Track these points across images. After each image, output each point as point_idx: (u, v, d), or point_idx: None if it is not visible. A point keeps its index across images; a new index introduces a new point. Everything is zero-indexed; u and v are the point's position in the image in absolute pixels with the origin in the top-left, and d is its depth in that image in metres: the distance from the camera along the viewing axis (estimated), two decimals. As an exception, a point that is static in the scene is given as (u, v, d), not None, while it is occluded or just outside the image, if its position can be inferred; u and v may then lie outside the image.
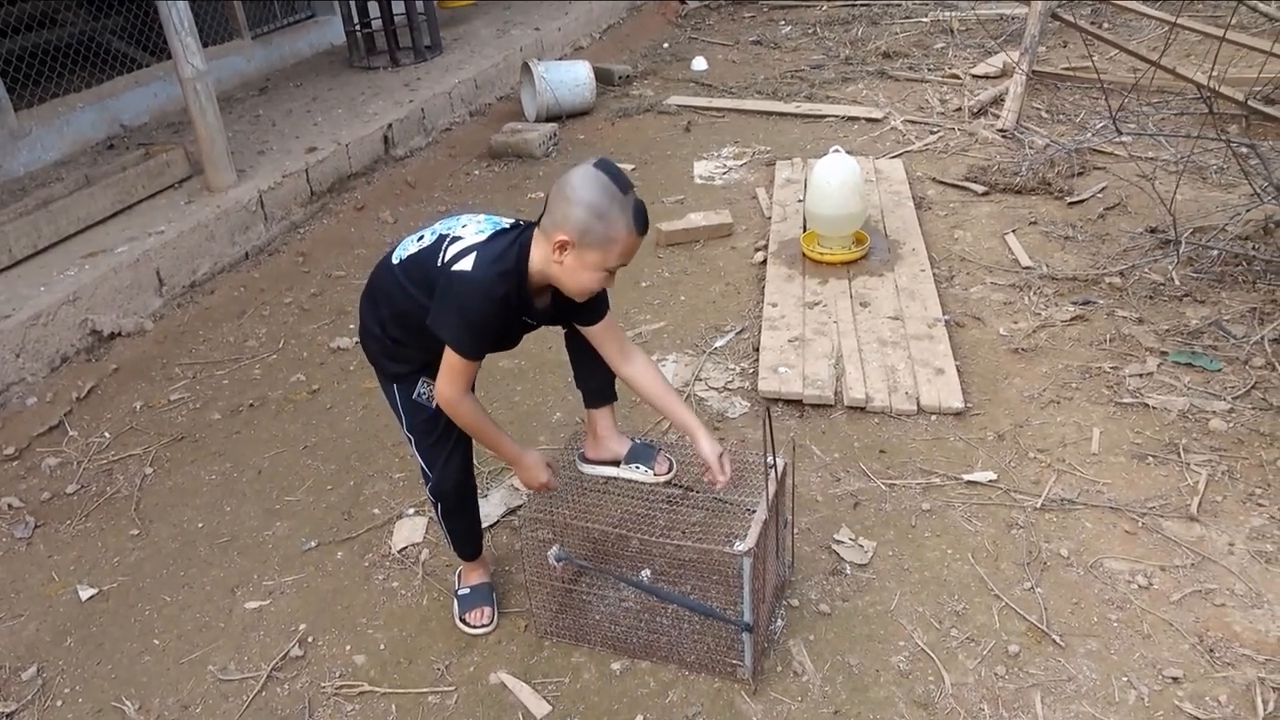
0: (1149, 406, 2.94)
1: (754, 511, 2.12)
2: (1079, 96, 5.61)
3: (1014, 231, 4.12)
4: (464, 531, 2.34)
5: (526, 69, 6.02)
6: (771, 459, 2.08)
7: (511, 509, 2.76)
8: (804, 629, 2.29)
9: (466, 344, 1.95)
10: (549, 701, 2.15)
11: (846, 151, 3.88)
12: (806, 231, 4.05)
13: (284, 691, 2.26)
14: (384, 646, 2.36)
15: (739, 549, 1.99)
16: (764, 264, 4.01)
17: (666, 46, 7.72)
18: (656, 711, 2.11)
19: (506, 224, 2.05)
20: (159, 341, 3.87)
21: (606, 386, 2.34)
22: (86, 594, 2.60)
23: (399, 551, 2.65)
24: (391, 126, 5.53)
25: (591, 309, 2.12)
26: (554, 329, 2.28)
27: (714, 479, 2.15)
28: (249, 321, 3.98)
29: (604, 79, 6.60)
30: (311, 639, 2.39)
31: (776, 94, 6.25)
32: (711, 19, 8.42)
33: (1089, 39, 5.56)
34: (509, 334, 2.12)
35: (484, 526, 2.52)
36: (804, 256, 3.96)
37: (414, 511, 2.79)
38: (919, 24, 7.56)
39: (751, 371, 3.30)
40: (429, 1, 6.74)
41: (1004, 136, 5.13)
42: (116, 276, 3.88)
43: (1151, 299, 3.50)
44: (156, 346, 3.83)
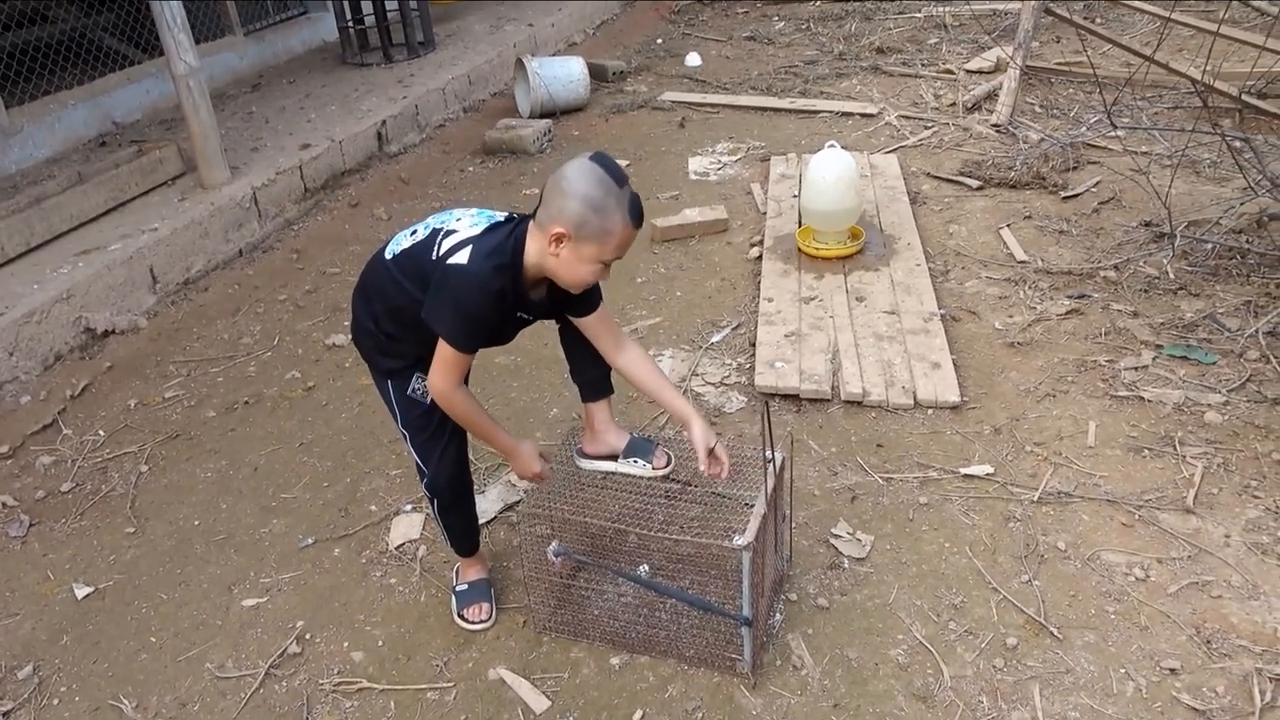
0: (1144, 399, 2.95)
1: (752, 506, 2.12)
2: (1073, 91, 5.62)
3: (1009, 226, 4.12)
4: (461, 527, 2.33)
5: (520, 65, 6.00)
6: (770, 453, 2.08)
7: (509, 505, 2.76)
8: (803, 623, 2.29)
9: (460, 336, 1.96)
10: (548, 697, 2.15)
11: (841, 147, 3.88)
12: (802, 227, 4.05)
13: (282, 689, 2.25)
14: (382, 643, 2.35)
15: (738, 543, 1.99)
16: (759, 259, 4.01)
17: (660, 42, 7.71)
18: (656, 706, 2.11)
19: (500, 217, 2.05)
20: (153, 339, 3.85)
21: (602, 380, 2.34)
22: (82, 592, 2.59)
23: (396, 548, 2.65)
24: (385, 123, 5.52)
25: (585, 301, 2.12)
26: (549, 325, 2.28)
27: (705, 469, 2.15)
28: (243, 319, 3.97)
29: (598, 75, 6.59)
30: (309, 636, 2.39)
31: (771, 90, 6.25)
32: (705, 14, 8.41)
33: (1082, 33, 5.57)
34: (504, 328, 2.12)
35: (481, 522, 2.52)
36: (799, 251, 3.96)
37: (411, 508, 2.79)
38: (912, 19, 7.56)
39: (748, 367, 3.30)
40: (422, -2, 6.73)
41: (998, 131, 5.13)
42: (110, 274, 3.86)
43: (1146, 292, 3.51)
44: (151, 344, 3.82)
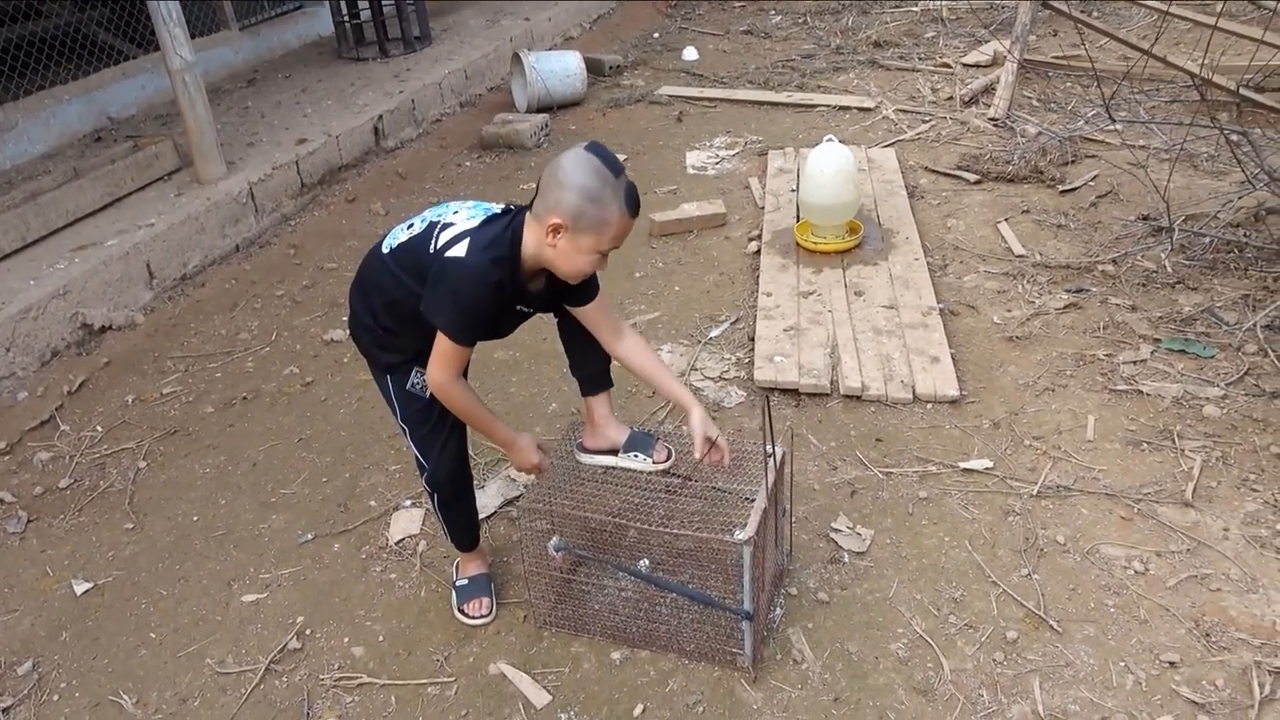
0: (1143, 393, 2.96)
1: (752, 501, 2.12)
2: (1070, 85, 5.62)
3: (1007, 220, 4.12)
4: (461, 522, 2.33)
5: (517, 59, 5.99)
6: (770, 447, 2.08)
7: (509, 500, 2.76)
8: (803, 617, 2.29)
9: (459, 329, 1.95)
10: (549, 691, 2.15)
11: (839, 141, 3.88)
12: (800, 221, 4.05)
13: (282, 684, 2.25)
14: (382, 638, 2.35)
15: (739, 537, 1.99)
16: (758, 254, 4.01)
17: (657, 36, 7.70)
18: (657, 700, 2.11)
19: (497, 209, 2.05)
20: (150, 335, 3.84)
21: (602, 374, 2.34)
22: (81, 588, 2.58)
23: (396, 543, 2.64)
24: (382, 118, 5.50)
25: (583, 290, 2.12)
26: (548, 320, 2.27)
27: (701, 457, 2.14)
28: (241, 314, 3.96)
29: (595, 69, 6.57)
30: (309, 631, 2.39)
31: (768, 83, 6.24)
32: (701, 8, 8.39)
33: (1080, 27, 5.56)
34: (503, 321, 2.12)
35: (481, 517, 2.52)
36: (798, 246, 3.96)
37: (411, 503, 2.79)
38: (909, 13, 7.55)
39: (747, 361, 3.30)
40: (418, -8, 6.70)
41: (996, 125, 5.13)
42: (106, 269, 3.85)
43: (1144, 286, 3.51)
44: (148, 340, 3.81)
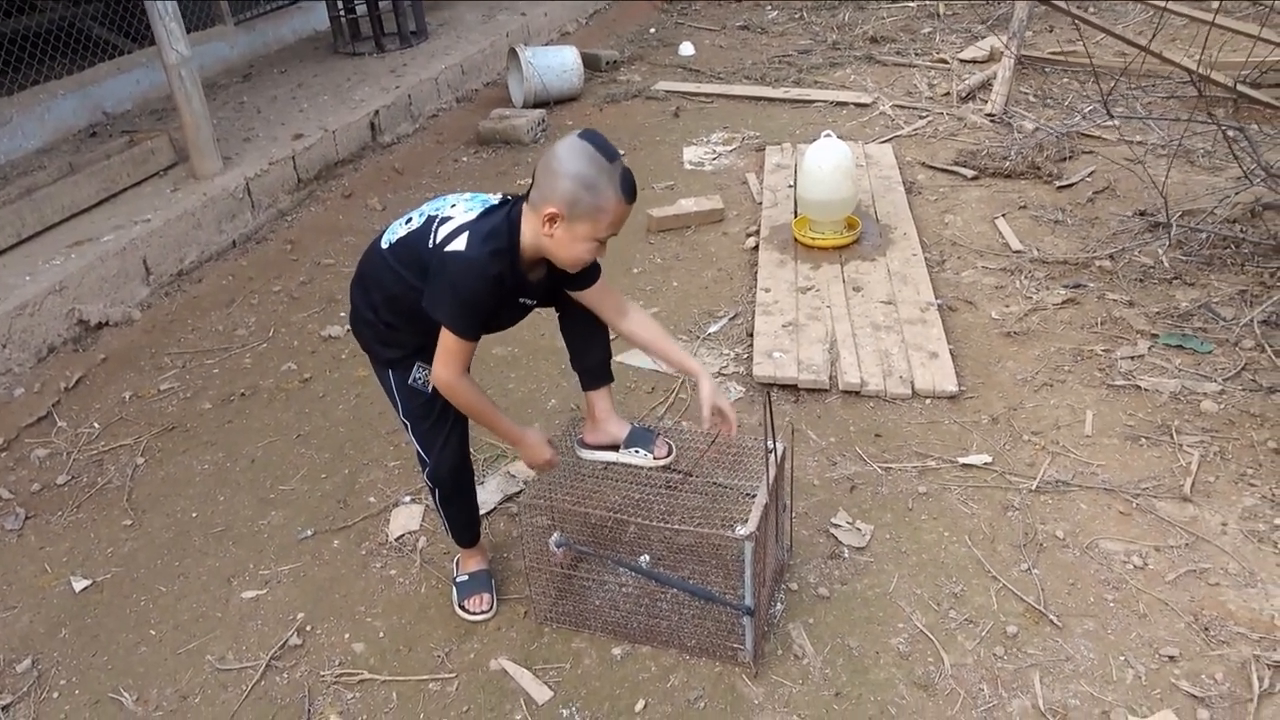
0: (1141, 388, 2.96)
1: (752, 496, 2.13)
2: (1067, 80, 5.63)
3: (1004, 215, 4.13)
4: (462, 518, 2.33)
5: (513, 54, 5.98)
6: (771, 443, 2.08)
7: (508, 496, 2.75)
8: (803, 612, 2.30)
9: (462, 323, 1.95)
10: (550, 687, 2.15)
11: (836, 136, 3.88)
12: (798, 216, 4.05)
13: (283, 680, 2.25)
14: (383, 634, 2.35)
15: (741, 533, 1.99)
16: (756, 249, 4.01)
17: (653, 32, 7.68)
18: (658, 696, 2.12)
19: (495, 200, 2.04)
20: (147, 331, 3.83)
21: (603, 367, 2.34)
22: (80, 585, 2.58)
23: (396, 539, 2.64)
24: (378, 113, 5.48)
25: (585, 274, 2.13)
26: (546, 315, 2.27)
27: (708, 426, 2.12)
28: (238, 310, 3.95)
29: (591, 64, 6.55)
30: (310, 628, 2.39)
31: (764, 79, 6.24)
32: (697, 3, 8.38)
33: (1076, 22, 5.56)
34: (505, 313, 2.12)
35: (481, 513, 2.51)
36: (796, 241, 3.96)
37: (410, 499, 2.78)
38: (906, 8, 7.55)
39: (746, 357, 3.30)
40: (414, -14, 6.69)
41: (992, 121, 5.14)
42: (103, 265, 3.84)
43: (1141, 282, 3.52)
44: (145, 336, 3.79)
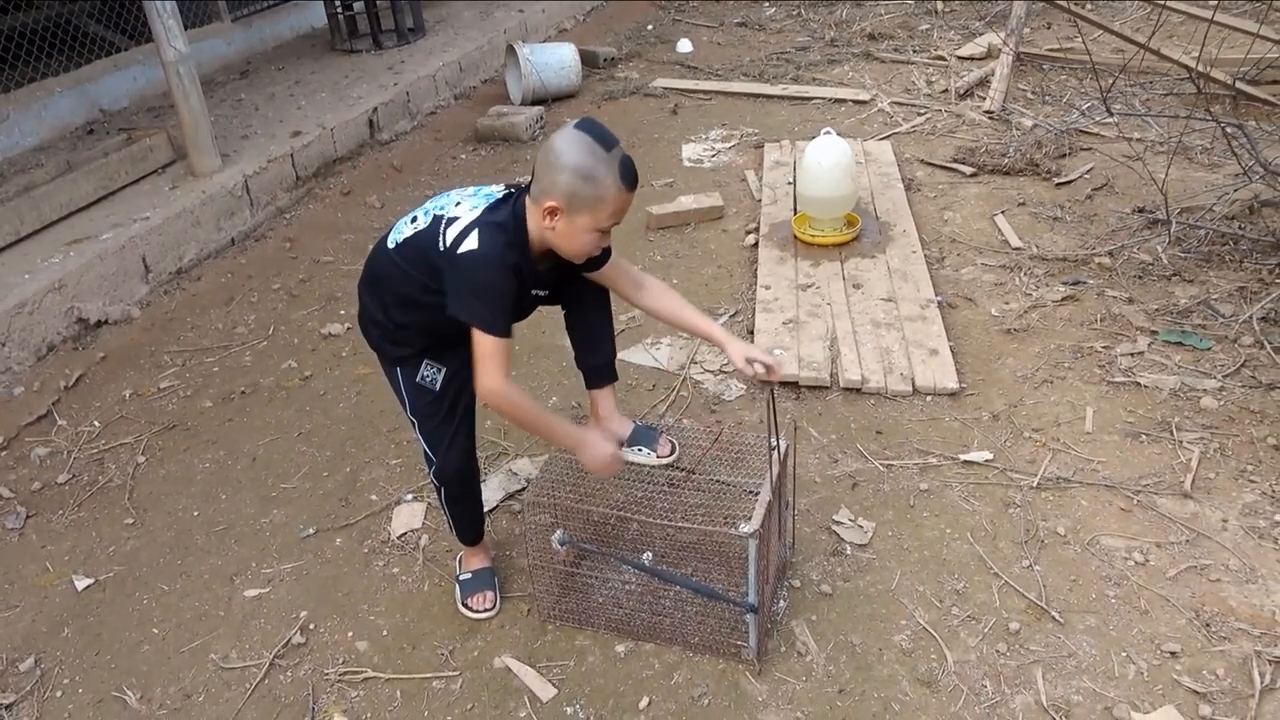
0: (1141, 385, 2.97)
1: (755, 493, 2.13)
2: (1065, 77, 5.63)
3: (1003, 212, 4.13)
4: (467, 516, 2.33)
5: (511, 51, 5.97)
6: (775, 440, 2.09)
7: (510, 493, 2.76)
8: (806, 609, 2.30)
9: (489, 319, 1.92)
10: (554, 685, 2.16)
11: (836, 133, 3.88)
12: (797, 214, 4.05)
13: (287, 679, 2.25)
14: (386, 632, 2.35)
15: (745, 530, 2.00)
16: (755, 247, 4.01)
17: (651, 28, 7.68)
18: (662, 693, 2.12)
19: (498, 193, 2.03)
20: (146, 329, 3.82)
21: (607, 365, 2.34)
22: (82, 584, 2.57)
23: (398, 537, 2.64)
24: (376, 110, 5.48)
25: (594, 259, 2.11)
26: (546, 312, 2.27)
27: (749, 371, 2.13)
28: (237, 308, 3.94)
29: (589, 61, 6.55)
30: (313, 626, 2.39)
31: (763, 76, 6.23)
32: (695, 0, 8.37)
33: (1075, 19, 5.57)
34: (520, 304, 2.11)
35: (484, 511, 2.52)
36: (795, 239, 3.96)
37: (412, 497, 2.78)
38: (904, 5, 7.55)
39: (746, 354, 3.30)
40: (411, -17, 6.67)
41: (991, 118, 5.14)
42: (102, 263, 3.83)
43: (1141, 279, 3.53)
44: (144, 334, 3.79)
